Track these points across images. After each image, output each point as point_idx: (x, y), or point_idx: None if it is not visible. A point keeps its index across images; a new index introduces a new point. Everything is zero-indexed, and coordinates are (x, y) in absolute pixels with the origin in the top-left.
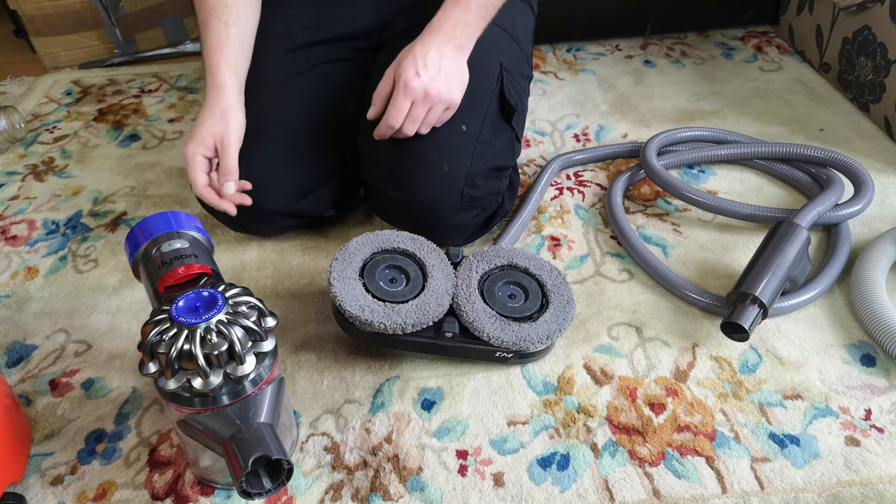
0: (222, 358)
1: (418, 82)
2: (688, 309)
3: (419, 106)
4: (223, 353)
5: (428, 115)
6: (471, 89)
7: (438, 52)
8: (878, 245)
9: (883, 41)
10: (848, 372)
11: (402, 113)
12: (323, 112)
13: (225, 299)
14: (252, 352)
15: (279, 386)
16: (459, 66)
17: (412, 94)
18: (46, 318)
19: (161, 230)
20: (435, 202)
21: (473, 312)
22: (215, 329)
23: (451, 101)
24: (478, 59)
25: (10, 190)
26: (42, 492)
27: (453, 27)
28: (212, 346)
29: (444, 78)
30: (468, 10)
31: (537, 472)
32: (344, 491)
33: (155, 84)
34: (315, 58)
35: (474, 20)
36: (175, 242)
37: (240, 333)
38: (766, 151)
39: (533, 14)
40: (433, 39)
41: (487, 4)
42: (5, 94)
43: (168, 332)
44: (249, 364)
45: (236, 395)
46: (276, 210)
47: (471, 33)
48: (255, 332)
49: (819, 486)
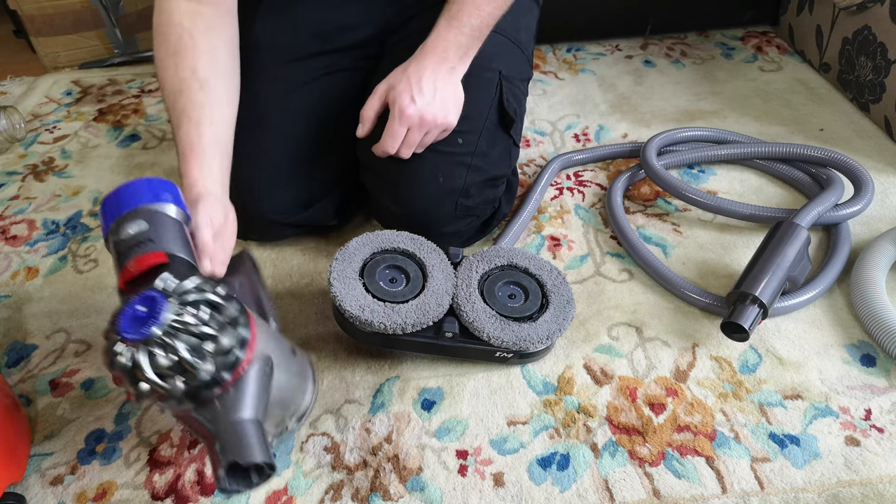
0: (175, 369)
1: (414, 109)
2: (688, 309)
3: (415, 132)
4: (174, 366)
5: (424, 139)
6: (469, 101)
7: (433, 76)
8: (878, 245)
9: (883, 41)
10: (848, 372)
11: (398, 140)
12: (327, 123)
13: (166, 302)
14: (211, 353)
15: (262, 371)
16: (454, 88)
17: (408, 122)
18: (46, 318)
19: (121, 209)
20: (429, 212)
21: (473, 312)
22: (158, 342)
23: (446, 124)
24: (476, 70)
25: (10, 190)
26: (42, 492)
27: (446, 49)
28: (158, 362)
29: (439, 102)
30: (461, 32)
31: (537, 472)
32: (344, 491)
33: (155, 84)
34: (319, 68)
35: (468, 41)
36: (130, 227)
37: (187, 341)
38: (766, 151)
39: (538, 8)
40: (427, 62)
41: (481, 25)
42: (5, 94)
43: (117, 347)
44: (206, 370)
45: (202, 399)
46: (280, 221)
47: (464, 54)
48: (207, 336)
49: (819, 486)
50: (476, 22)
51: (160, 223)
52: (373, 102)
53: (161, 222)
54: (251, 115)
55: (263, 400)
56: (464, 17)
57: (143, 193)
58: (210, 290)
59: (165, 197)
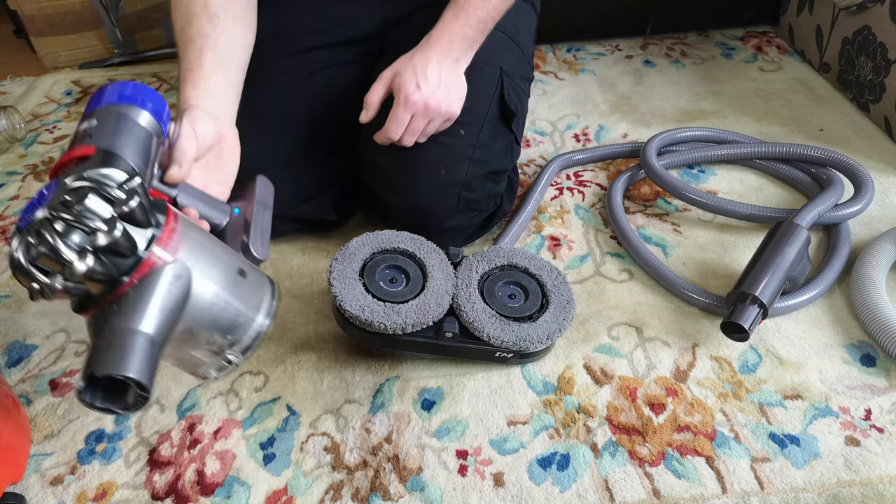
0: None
1: (419, 95)
2: (688, 309)
3: (419, 119)
4: (48, 255)
5: (427, 127)
6: (471, 94)
7: (438, 65)
8: (878, 245)
9: (883, 41)
10: (848, 372)
11: (402, 125)
12: (326, 117)
13: (55, 191)
14: (93, 248)
15: (175, 283)
16: (458, 79)
17: (412, 108)
18: (46, 318)
19: (91, 106)
20: (431, 206)
21: (473, 312)
22: (34, 231)
23: (450, 113)
24: (478, 64)
25: (10, 190)
26: (42, 492)
27: (452, 41)
28: (33, 251)
29: (443, 90)
30: (468, 24)
31: (537, 472)
32: (344, 491)
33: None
34: (318, 62)
35: (473, 34)
36: (84, 123)
37: (65, 233)
38: (766, 151)
39: (535, 13)
40: (433, 52)
41: (487, 18)
42: (5, 94)
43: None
44: (82, 265)
45: (94, 299)
46: (279, 214)
47: (469, 46)
48: (94, 230)
49: (819, 486)
50: (482, 14)
51: (111, 121)
52: (377, 88)
53: (111, 120)
54: (250, 108)
55: (170, 317)
56: (470, 9)
57: (119, 95)
58: (114, 185)
59: (141, 102)
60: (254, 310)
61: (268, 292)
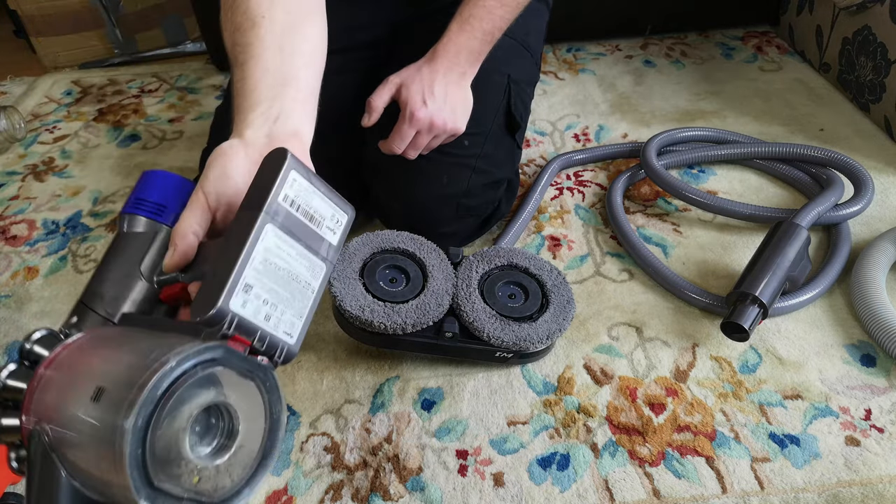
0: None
1: (424, 112)
2: (688, 309)
3: (423, 135)
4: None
5: (431, 143)
6: (477, 105)
7: (444, 80)
8: (879, 245)
9: (883, 41)
10: (848, 372)
11: (406, 141)
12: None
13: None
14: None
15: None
16: (464, 93)
17: (417, 125)
18: (46, 318)
19: (126, 207)
20: (430, 212)
21: (473, 312)
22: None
23: (455, 130)
24: (486, 73)
25: (10, 190)
26: None
27: (458, 54)
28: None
29: (449, 107)
30: (473, 36)
31: (537, 472)
32: (344, 491)
33: (155, 84)
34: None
35: (479, 46)
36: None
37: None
38: (766, 151)
39: (548, 10)
40: (438, 66)
41: (493, 30)
42: (5, 94)
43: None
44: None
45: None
46: None
47: (475, 59)
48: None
49: (819, 486)
50: (488, 27)
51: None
52: (382, 93)
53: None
54: None
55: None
56: (475, 22)
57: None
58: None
59: (149, 207)
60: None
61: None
